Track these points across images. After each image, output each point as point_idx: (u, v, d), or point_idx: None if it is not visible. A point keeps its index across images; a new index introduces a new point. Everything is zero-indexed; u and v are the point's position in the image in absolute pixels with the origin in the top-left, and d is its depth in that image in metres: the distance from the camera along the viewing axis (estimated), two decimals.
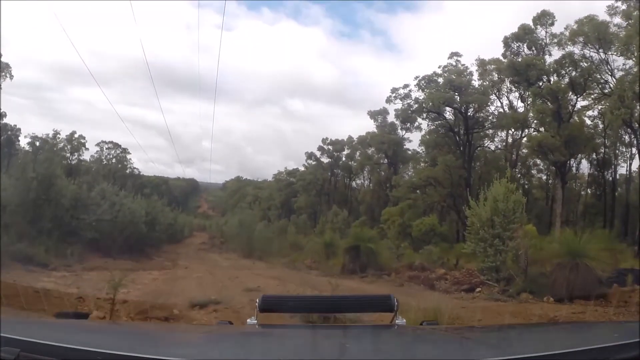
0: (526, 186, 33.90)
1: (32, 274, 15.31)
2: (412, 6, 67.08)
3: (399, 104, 37.10)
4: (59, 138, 37.19)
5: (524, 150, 34.80)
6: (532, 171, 37.03)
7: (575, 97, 31.24)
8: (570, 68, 30.76)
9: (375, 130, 40.24)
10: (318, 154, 43.65)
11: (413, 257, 24.06)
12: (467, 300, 14.61)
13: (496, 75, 34.79)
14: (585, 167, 34.57)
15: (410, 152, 40.40)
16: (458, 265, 21.18)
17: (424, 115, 36.66)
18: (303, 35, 69.79)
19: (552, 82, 31.08)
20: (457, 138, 35.85)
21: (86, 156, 40.14)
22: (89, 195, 24.18)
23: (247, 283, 16.39)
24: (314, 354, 1.84)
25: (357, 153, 42.88)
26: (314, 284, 15.82)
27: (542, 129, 31.64)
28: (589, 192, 36.19)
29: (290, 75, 68.29)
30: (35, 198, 20.89)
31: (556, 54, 31.64)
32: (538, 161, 35.26)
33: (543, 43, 32.35)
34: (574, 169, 34.01)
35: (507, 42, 33.21)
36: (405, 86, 36.37)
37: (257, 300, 2.20)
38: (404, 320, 2.25)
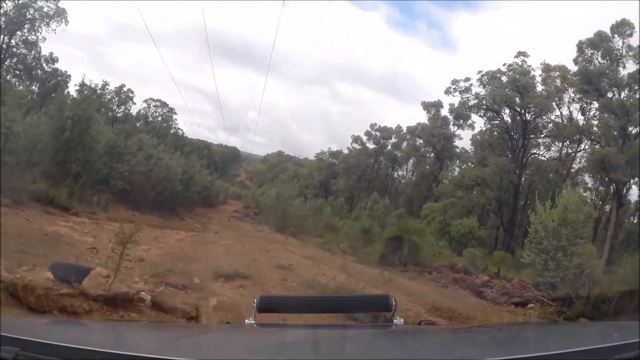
0: None
1: (49, 216, 14.28)
2: (472, 5, 64.39)
3: (457, 97, 35.30)
4: (107, 89, 36.65)
5: (575, 166, 33.10)
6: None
7: None
8: None
9: (427, 122, 38.81)
10: (364, 138, 42.39)
11: (451, 257, 22.63)
12: (520, 317, 13.03)
13: (559, 83, 32.77)
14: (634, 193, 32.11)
15: (458, 150, 38.90)
16: (500, 275, 19.59)
17: (482, 112, 34.95)
18: (359, 19, 66.80)
19: (624, 96, 28.96)
20: (512, 142, 34.06)
21: (133, 111, 39.42)
22: (125, 144, 23.10)
23: (279, 259, 15.08)
24: (312, 354, 1.75)
25: (404, 144, 41.63)
26: (351, 271, 14.41)
27: (600, 145, 29.65)
28: (633, 220, 33.58)
29: (342, 58, 65.83)
30: (68, 139, 19.82)
31: (630, 67, 29.28)
32: (586, 179, 33.09)
33: (618, 54, 30.11)
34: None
35: (581, 47, 30.95)
36: (467, 79, 34.47)
37: (255, 301, 2.13)
38: (402, 320, 2.20)
